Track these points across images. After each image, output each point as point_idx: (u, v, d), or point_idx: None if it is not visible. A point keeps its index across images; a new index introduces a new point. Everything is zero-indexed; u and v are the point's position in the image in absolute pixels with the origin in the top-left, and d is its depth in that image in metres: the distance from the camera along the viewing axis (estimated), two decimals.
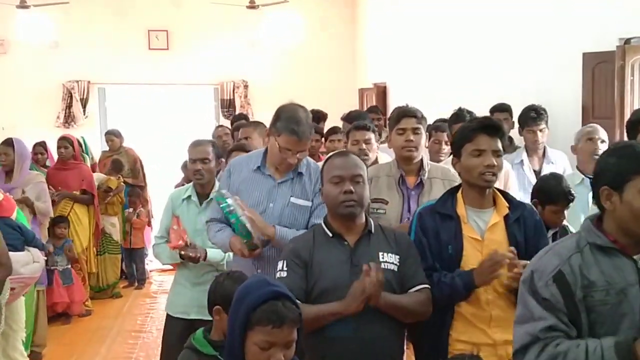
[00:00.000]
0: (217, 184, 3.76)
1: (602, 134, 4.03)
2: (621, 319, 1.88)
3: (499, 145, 2.68)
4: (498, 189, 2.80)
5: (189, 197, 3.81)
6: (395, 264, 2.59)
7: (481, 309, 2.65)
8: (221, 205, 3.02)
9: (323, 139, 5.75)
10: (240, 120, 6.61)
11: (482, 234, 2.66)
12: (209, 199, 3.73)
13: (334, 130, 5.29)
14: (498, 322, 2.65)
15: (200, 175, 3.75)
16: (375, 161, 4.22)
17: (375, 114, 6.52)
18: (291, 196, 3.11)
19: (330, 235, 2.63)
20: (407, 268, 2.60)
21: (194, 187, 3.82)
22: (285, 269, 2.58)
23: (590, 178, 3.77)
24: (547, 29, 5.77)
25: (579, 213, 3.59)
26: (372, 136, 4.13)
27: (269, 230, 3.00)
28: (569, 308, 1.89)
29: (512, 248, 2.55)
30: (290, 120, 3.06)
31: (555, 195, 3.36)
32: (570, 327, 1.89)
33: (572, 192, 3.41)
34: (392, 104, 9.69)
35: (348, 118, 4.83)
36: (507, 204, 2.71)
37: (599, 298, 1.88)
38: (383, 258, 2.58)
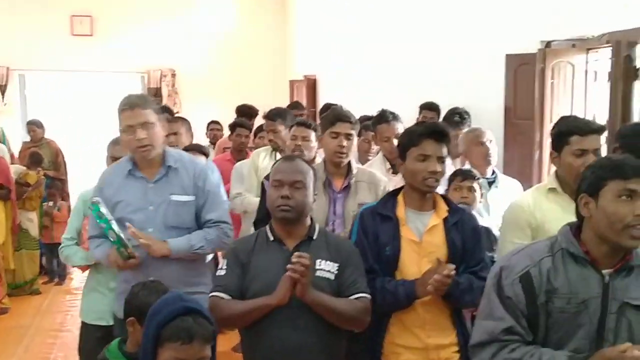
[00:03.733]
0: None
1: (489, 134, 4.10)
2: (577, 329, 1.93)
3: (444, 151, 2.70)
4: (439, 193, 2.83)
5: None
6: (333, 272, 2.57)
7: (416, 313, 2.67)
8: (92, 212, 2.89)
9: (252, 134, 5.71)
10: (163, 114, 6.43)
11: (421, 236, 2.68)
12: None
13: (261, 127, 5.25)
14: (432, 326, 2.68)
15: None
16: (314, 159, 4.19)
17: (297, 110, 6.49)
18: (171, 194, 3.02)
19: (272, 239, 2.62)
20: (346, 276, 2.58)
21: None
22: (224, 267, 2.59)
23: (486, 179, 3.93)
24: (472, 29, 5.87)
25: (481, 212, 3.73)
26: (310, 134, 4.10)
27: (164, 251, 2.93)
28: (529, 310, 1.93)
29: (452, 266, 2.56)
30: (120, 103, 3.05)
31: (453, 173, 3.67)
32: (527, 332, 1.93)
33: (472, 171, 3.62)
34: (322, 96, 9.71)
35: (269, 115, 4.79)
36: (446, 208, 2.74)
37: (559, 305, 1.92)
38: (320, 265, 2.56)
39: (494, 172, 4.01)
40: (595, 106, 4.80)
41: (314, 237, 2.64)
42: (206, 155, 4.28)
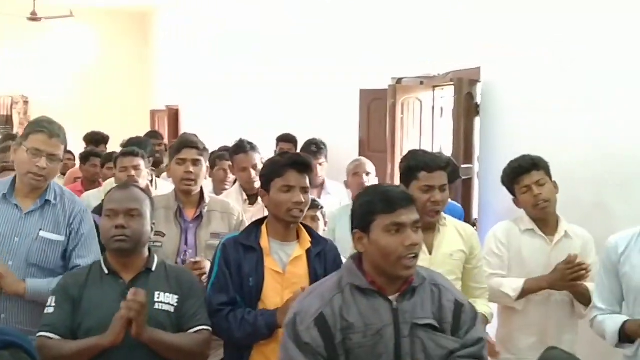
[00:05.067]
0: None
1: (369, 167, 4.24)
2: (378, 359, 1.93)
3: (307, 181, 2.71)
4: (302, 223, 2.83)
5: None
6: (172, 305, 2.50)
7: (279, 345, 2.61)
8: None
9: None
10: (8, 141, 6.07)
11: (284, 267, 2.66)
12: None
13: (109, 156, 5.03)
14: None
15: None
16: (147, 188, 4.08)
17: (155, 139, 6.35)
18: (40, 229, 2.84)
19: (106, 272, 2.51)
20: (186, 309, 2.52)
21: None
22: (53, 304, 2.44)
23: None
24: (328, 65, 6.07)
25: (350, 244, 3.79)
26: (141, 162, 4.00)
27: (19, 288, 2.72)
28: (328, 351, 1.91)
29: None
30: (38, 122, 2.86)
31: None
32: None
33: (316, 200, 3.67)
34: (184, 127, 9.61)
35: (128, 145, 4.64)
36: (309, 238, 2.75)
37: (356, 340, 1.92)
38: (159, 298, 2.48)
39: None
40: (441, 140, 5.09)
41: (153, 269, 2.56)
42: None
